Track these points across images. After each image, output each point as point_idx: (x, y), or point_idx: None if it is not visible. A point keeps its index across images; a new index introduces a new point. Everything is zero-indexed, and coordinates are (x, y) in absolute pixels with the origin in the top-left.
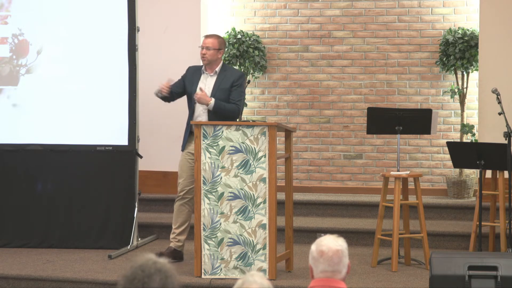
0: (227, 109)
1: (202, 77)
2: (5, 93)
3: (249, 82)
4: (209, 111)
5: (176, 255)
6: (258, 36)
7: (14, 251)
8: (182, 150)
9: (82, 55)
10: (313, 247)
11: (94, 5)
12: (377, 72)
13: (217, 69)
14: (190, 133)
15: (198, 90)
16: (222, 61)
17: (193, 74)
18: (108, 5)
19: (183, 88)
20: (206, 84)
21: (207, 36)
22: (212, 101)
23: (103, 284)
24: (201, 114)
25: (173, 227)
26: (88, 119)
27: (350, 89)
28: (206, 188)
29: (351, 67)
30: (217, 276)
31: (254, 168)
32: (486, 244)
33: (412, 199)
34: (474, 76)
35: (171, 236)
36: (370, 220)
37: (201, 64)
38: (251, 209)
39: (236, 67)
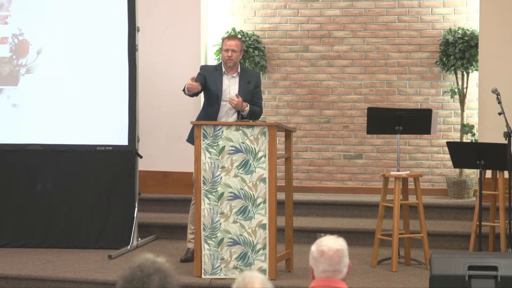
0: (256, 113)
1: (225, 78)
2: (5, 93)
3: (249, 82)
4: (239, 113)
5: None
6: (258, 36)
7: (14, 251)
8: None
9: (82, 55)
10: (313, 247)
11: (94, 5)
12: (377, 72)
13: (238, 70)
14: None
15: (231, 96)
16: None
17: (212, 73)
18: (108, 5)
19: (204, 85)
20: (230, 86)
21: (230, 38)
22: (248, 107)
23: (103, 284)
24: (226, 115)
25: (192, 227)
26: (88, 119)
27: (350, 89)
28: (206, 188)
29: (351, 67)
30: (217, 276)
31: (254, 168)
32: (486, 244)
33: (412, 199)
34: (474, 76)
35: (191, 237)
36: (370, 220)
37: (213, 64)
38: (251, 209)
39: None
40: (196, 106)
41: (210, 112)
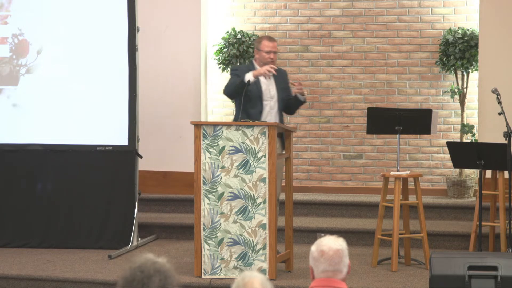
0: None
1: (262, 78)
2: (5, 93)
3: (249, 82)
4: (278, 111)
5: None
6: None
7: (14, 251)
8: None
9: (82, 55)
10: (314, 247)
11: (94, 5)
12: (377, 72)
13: None
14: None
15: (271, 95)
16: None
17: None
18: (108, 5)
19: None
20: (269, 85)
21: (271, 40)
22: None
23: (103, 284)
24: (269, 114)
25: None
26: (88, 119)
27: (350, 89)
28: (206, 188)
29: (351, 67)
30: (217, 276)
31: (254, 168)
32: (486, 244)
33: (412, 199)
34: (474, 76)
35: None
36: (370, 220)
37: (243, 64)
38: (251, 209)
39: None
40: (195, 106)
41: (253, 113)
